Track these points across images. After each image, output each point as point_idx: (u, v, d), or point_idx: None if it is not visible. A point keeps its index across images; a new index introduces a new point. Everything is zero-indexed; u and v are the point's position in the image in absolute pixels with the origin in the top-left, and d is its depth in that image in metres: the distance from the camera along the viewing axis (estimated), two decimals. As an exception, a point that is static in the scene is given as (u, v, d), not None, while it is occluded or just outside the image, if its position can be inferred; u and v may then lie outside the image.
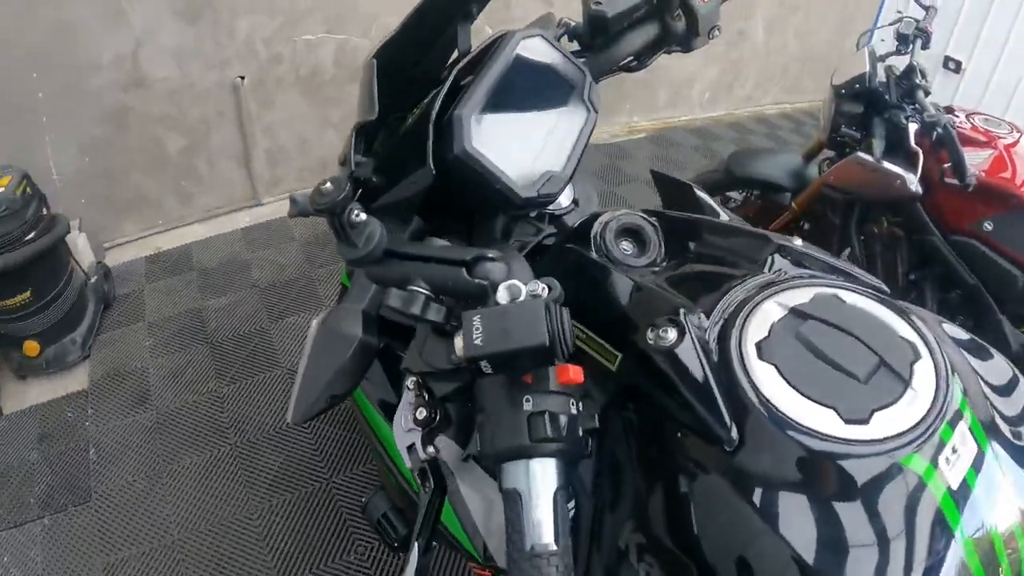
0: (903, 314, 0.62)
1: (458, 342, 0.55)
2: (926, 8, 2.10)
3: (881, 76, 1.96)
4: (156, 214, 2.64)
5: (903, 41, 2.01)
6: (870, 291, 0.66)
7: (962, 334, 0.70)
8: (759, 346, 0.59)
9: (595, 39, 0.85)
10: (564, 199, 0.83)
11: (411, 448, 0.72)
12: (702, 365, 0.58)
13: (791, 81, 4.47)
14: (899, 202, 1.95)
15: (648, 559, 0.61)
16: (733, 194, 2.58)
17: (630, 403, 0.66)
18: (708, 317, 0.63)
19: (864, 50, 2.03)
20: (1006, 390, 0.65)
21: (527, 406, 0.55)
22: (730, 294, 0.66)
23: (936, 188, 1.85)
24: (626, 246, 0.74)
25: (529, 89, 0.70)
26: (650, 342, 0.61)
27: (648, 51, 0.89)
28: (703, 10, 0.85)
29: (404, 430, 0.74)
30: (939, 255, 1.91)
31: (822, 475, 0.53)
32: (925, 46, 2.02)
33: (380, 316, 0.68)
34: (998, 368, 0.66)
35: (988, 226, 1.82)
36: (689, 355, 0.59)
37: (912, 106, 1.90)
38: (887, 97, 1.92)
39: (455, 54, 0.75)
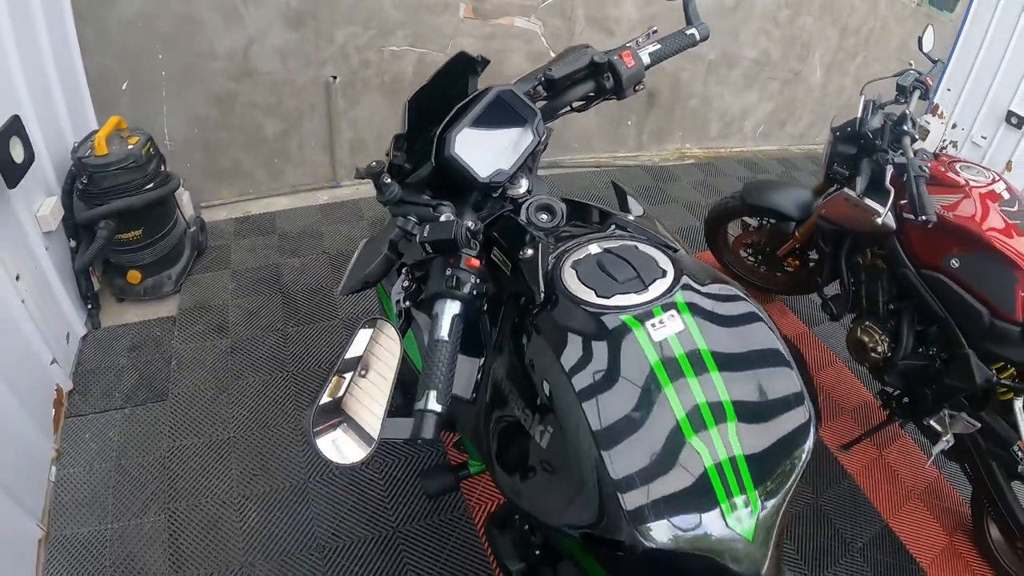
0: (670, 256, 1.03)
1: (419, 236, 0.96)
2: (934, 62, 2.28)
3: (877, 122, 2.11)
4: (248, 184, 3.09)
5: (901, 92, 2.16)
6: (660, 244, 1.06)
7: (718, 286, 1.02)
8: (575, 264, 1.01)
9: (549, 92, 1.24)
10: (521, 188, 1.18)
11: (398, 303, 1.17)
12: (539, 266, 0.97)
13: (846, 123, 4.61)
14: (879, 235, 2.11)
15: (512, 377, 0.98)
16: (750, 220, 2.79)
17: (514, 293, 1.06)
18: (558, 247, 1.06)
19: (862, 98, 2.18)
20: (723, 307, 0.98)
21: (448, 272, 0.93)
22: (578, 239, 1.08)
23: (910, 225, 2.00)
24: (543, 215, 1.10)
25: (499, 119, 1.11)
26: (520, 256, 1.02)
27: (589, 100, 1.29)
28: (626, 73, 1.23)
29: (396, 295, 1.18)
30: (913, 288, 2.04)
31: (585, 324, 0.92)
32: (924, 97, 2.17)
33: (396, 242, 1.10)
34: (730, 302, 1.00)
35: (955, 263, 1.93)
36: (534, 262, 0.99)
37: (897, 150, 2.02)
38: (876, 141, 2.08)
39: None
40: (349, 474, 1.98)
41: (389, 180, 1.04)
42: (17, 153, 1.89)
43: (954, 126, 4.91)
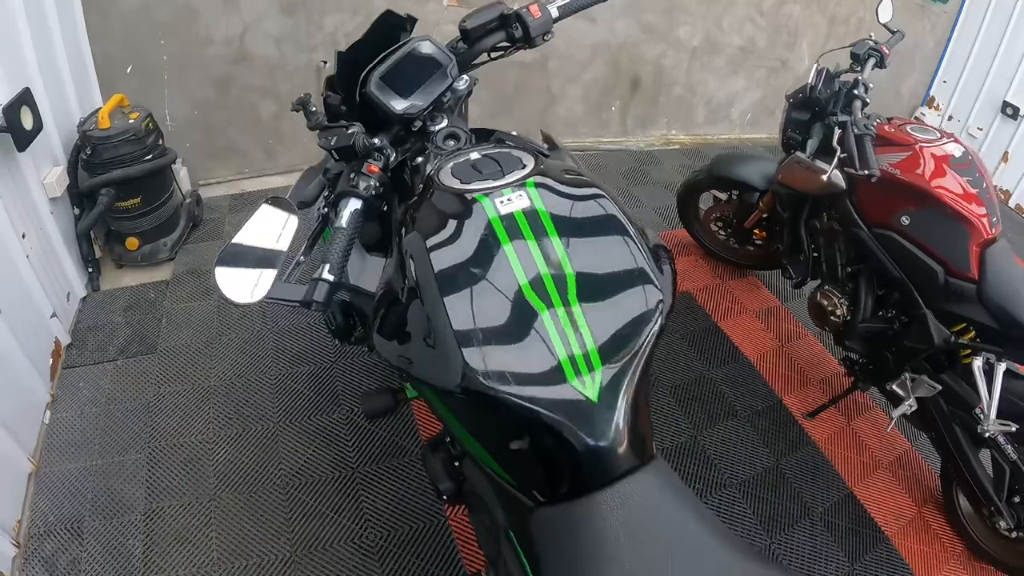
0: (534, 154, 1.19)
1: (326, 143, 1.22)
2: (893, 32, 2.34)
3: (829, 89, 2.17)
4: (244, 163, 3.27)
5: (856, 60, 2.21)
6: (532, 149, 1.22)
7: (574, 176, 1.16)
8: (454, 166, 1.17)
9: (464, 41, 1.40)
10: (441, 125, 1.35)
11: (318, 209, 1.39)
12: (409, 171, 1.27)
13: (838, 113, 4.65)
14: (833, 197, 2.15)
15: (397, 261, 1.12)
16: (718, 193, 2.88)
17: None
18: (449, 155, 1.23)
19: (815, 65, 2.26)
20: (574, 191, 1.11)
21: (352, 176, 1.14)
22: (463, 150, 1.25)
23: (861, 184, 2.05)
24: (450, 141, 1.30)
25: (420, 66, 1.29)
26: (412, 164, 1.29)
27: (504, 49, 1.45)
28: (533, 24, 1.38)
29: (319, 204, 1.41)
30: (867, 248, 2.07)
31: (442, 203, 1.09)
32: (880, 65, 2.19)
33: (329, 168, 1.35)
34: (582, 187, 1.13)
35: (905, 220, 1.94)
36: (425, 166, 1.22)
37: (849, 114, 2.04)
38: (828, 107, 2.13)
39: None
40: (316, 421, 2.13)
41: (315, 108, 1.27)
42: (27, 121, 2.07)
43: (950, 118, 4.93)
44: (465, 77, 1.39)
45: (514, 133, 1.34)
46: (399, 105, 1.26)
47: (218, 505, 1.89)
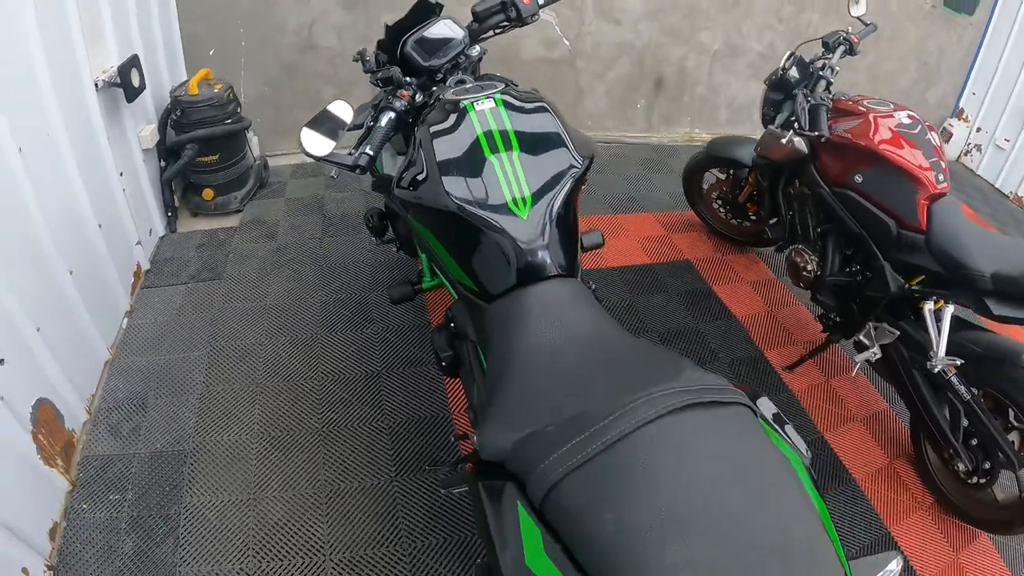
0: (508, 84, 1.64)
1: (371, 77, 1.77)
2: (866, 25, 2.61)
3: (797, 72, 2.47)
4: (305, 138, 3.73)
5: (825, 47, 2.49)
6: (507, 81, 1.70)
7: (528, 94, 1.61)
8: (454, 90, 1.62)
9: (475, 20, 1.87)
10: (456, 77, 1.79)
11: (365, 123, 1.71)
12: (430, 107, 1.63)
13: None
14: (800, 163, 2.42)
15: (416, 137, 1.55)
16: (716, 172, 3.19)
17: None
18: (453, 86, 1.70)
19: (788, 52, 2.55)
20: (525, 104, 1.55)
21: (390, 97, 1.62)
22: (463, 82, 1.72)
23: (820, 149, 2.31)
24: (459, 84, 1.71)
25: (441, 35, 1.79)
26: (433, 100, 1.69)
27: (504, 26, 1.92)
28: (523, 8, 1.85)
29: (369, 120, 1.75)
30: (830, 207, 2.30)
31: (447, 104, 1.53)
32: (851, 52, 2.48)
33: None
34: (532, 102, 1.57)
35: (858, 178, 2.17)
36: (439, 96, 1.65)
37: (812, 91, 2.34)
38: (797, 86, 2.42)
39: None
40: (351, 335, 2.54)
41: (368, 58, 1.92)
42: (136, 80, 2.57)
43: (978, 129, 5.04)
44: (477, 47, 1.89)
45: (498, 75, 1.80)
46: (425, 61, 1.76)
47: (263, 391, 2.29)
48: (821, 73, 2.36)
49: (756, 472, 0.81)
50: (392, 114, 1.57)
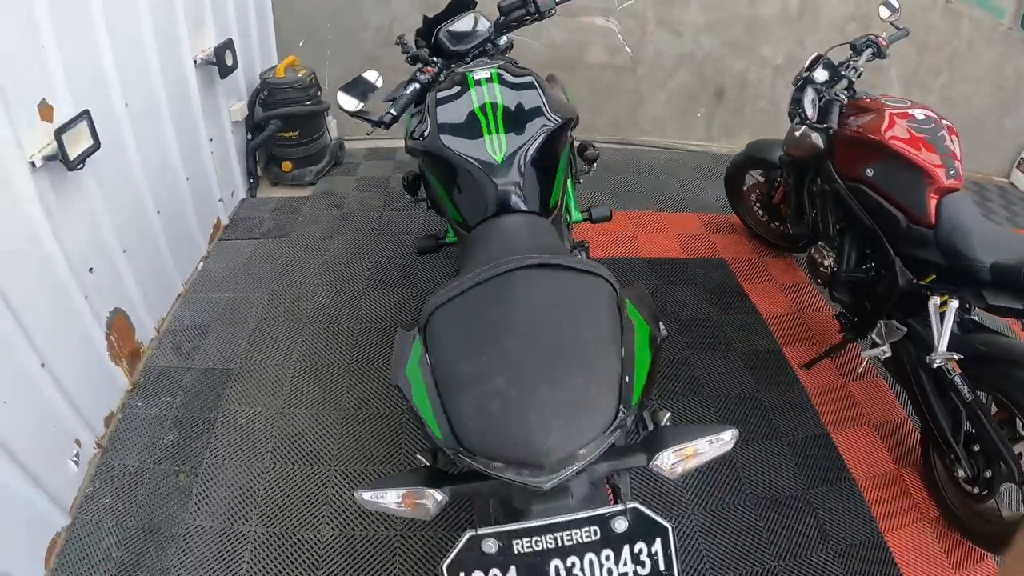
0: (507, 62, 1.95)
1: (408, 56, 2.13)
2: (899, 29, 2.68)
3: (822, 74, 2.49)
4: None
5: (853, 49, 2.57)
6: (514, 61, 2.03)
7: (520, 70, 1.88)
8: (464, 67, 1.90)
9: (502, 16, 2.09)
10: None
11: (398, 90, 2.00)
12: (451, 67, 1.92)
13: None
14: (819, 159, 2.49)
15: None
16: (756, 175, 3.27)
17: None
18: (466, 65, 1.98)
19: (814, 53, 2.61)
20: (516, 80, 1.81)
21: (417, 72, 1.95)
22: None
23: (836, 144, 2.38)
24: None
25: (471, 27, 2.07)
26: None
27: (524, 20, 2.10)
28: (542, 4, 2.05)
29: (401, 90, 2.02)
30: (845, 202, 2.34)
31: (454, 76, 1.84)
32: (879, 55, 2.57)
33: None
34: (521, 77, 1.82)
35: (870, 172, 2.21)
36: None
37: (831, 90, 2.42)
38: (821, 85, 2.46)
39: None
40: (394, 292, 2.83)
41: (407, 42, 2.22)
42: (229, 60, 2.99)
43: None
44: (505, 38, 2.15)
45: (511, 59, 2.09)
46: (453, 47, 2.05)
47: (308, 330, 2.61)
48: (843, 73, 2.46)
49: (584, 312, 1.07)
50: (417, 85, 1.89)
